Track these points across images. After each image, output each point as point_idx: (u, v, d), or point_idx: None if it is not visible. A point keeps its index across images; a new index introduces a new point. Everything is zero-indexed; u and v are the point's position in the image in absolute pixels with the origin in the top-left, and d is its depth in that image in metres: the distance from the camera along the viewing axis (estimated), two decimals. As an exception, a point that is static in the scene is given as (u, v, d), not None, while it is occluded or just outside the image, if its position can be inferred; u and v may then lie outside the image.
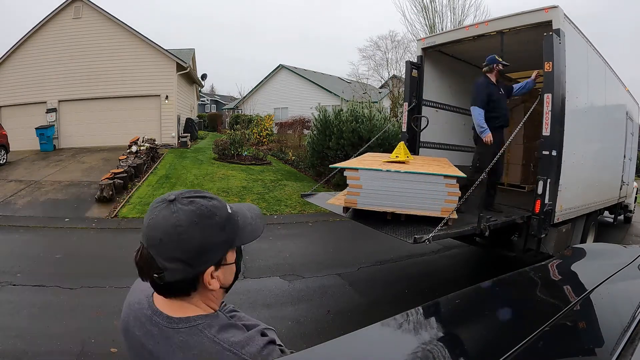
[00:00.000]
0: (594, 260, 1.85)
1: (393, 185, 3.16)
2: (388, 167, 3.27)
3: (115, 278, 4.32)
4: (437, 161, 4.38)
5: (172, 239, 0.71)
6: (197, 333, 0.72)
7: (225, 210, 0.78)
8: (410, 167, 3.38)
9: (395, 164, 3.56)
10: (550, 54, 3.74)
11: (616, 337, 0.89)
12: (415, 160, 4.06)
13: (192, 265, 0.73)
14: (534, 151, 5.41)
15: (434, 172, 3.21)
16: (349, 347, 0.96)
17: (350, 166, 3.32)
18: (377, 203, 3.23)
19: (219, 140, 12.90)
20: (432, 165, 3.79)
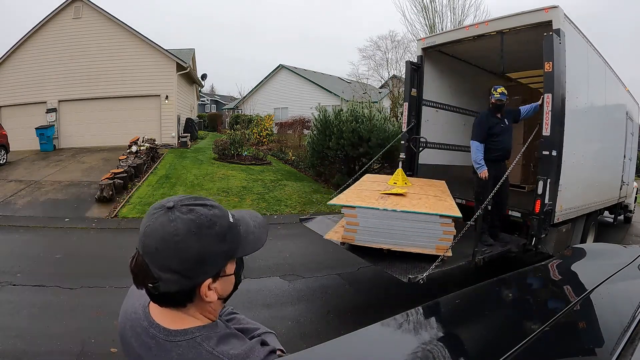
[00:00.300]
0: (594, 260, 1.85)
1: (390, 223, 3.19)
2: (385, 206, 3.28)
3: (115, 278, 4.32)
4: (434, 186, 4.42)
5: (169, 247, 0.67)
6: (195, 346, 0.70)
7: (226, 220, 0.74)
8: (407, 203, 3.41)
9: (393, 195, 3.60)
10: (550, 54, 3.74)
11: (616, 337, 0.89)
12: (412, 188, 4.11)
13: (189, 277, 0.70)
14: (534, 151, 5.41)
15: (430, 209, 3.23)
16: (349, 347, 0.96)
17: (348, 204, 3.33)
18: (374, 240, 3.26)
19: (219, 140, 12.90)
20: (429, 195, 3.82)
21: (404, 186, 4.18)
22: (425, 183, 4.69)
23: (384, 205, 3.25)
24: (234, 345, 0.72)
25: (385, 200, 3.47)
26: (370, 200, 3.43)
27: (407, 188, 4.09)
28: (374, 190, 3.89)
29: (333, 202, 3.46)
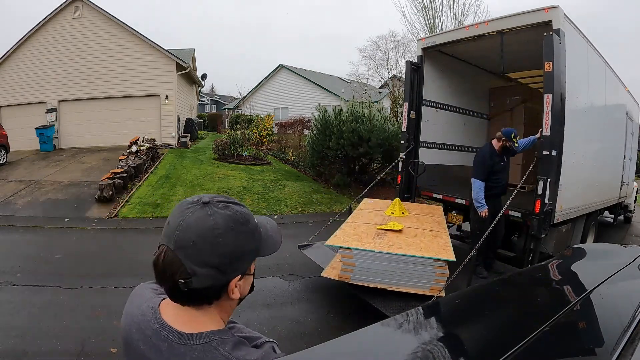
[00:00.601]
0: (594, 260, 1.85)
1: (385, 264, 3.29)
2: (381, 246, 3.36)
3: (115, 278, 4.33)
4: (431, 215, 4.55)
5: (208, 242, 0.67)
6: (211, 350, 0.68)
7: (254, 219, 0.77)
8: (402, 242, 3.48)
9: (390, 232, 3.68)
10: (550, 54, 3.74)
11: (616, 337, 0.89)
12: (409, 220, 4.19)
13: (224, 272, 0.70)
14: (534, 151, 5.42)
15: (425, 250, 3.30)
16: (349, 347, 0.96)
17: (345, 245, 3.40)
18: (370, 279, 3.36)
19: (219, 140, 12.90)
20: (424, 229, 3.88)
21: (401, 217, 4.29)
22: (422, 211, 4.77)
23: (379, 246, 3.34)
24: (248, 351, 0.71)
25: (382, 238, 3.55)
26: (367, 240, 3.50)
27: (404, 220, 4.16)
28: (370, 224, 3.96)
29: (330, 243, 3.51)
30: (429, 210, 4.82)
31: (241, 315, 3.65)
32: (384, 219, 4.19)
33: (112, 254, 5.36)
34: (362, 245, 3.39)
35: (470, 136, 6.73)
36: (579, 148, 4.49)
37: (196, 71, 17.62)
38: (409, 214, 4.47)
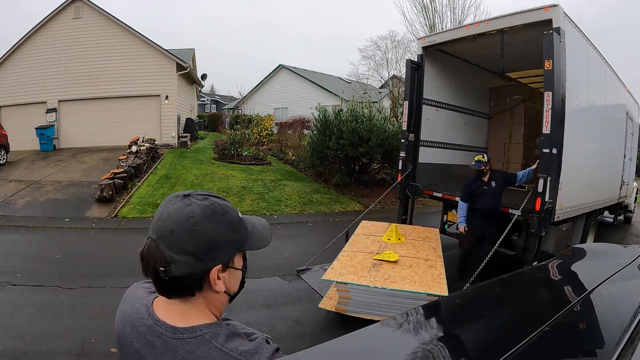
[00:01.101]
0: (594, 260, 1.85)
1: (379, 298, 3.39)
2: (376, 279, 3.43)
3: (115, 278, 4.33)
4: (427, 241, 4.59)
5: (184, 230, 0.70)
6: (204, 343, 0.69)
7: (236, 213, 0.79)
8: (397, 274, 3.53)
9: (385, 262, 3.78)
10: (551, 52, 3.74)
11: (616, 337, 0.89)
12: (405, 247, 4.24)
13: (202, 260, 0.71)
14: (533, 150, 5.42)
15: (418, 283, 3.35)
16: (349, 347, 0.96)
17: (341, 280, 3.49)
18: (365, 312, 3.46)
19: (219, 140, 12.89)
20: (420, 258, 3.93)
21: (397, 244, 4.35)
22: (419, 235, 4.81)
23: (374, 280, 3.41)
24: (241, 342, 0.72)
25: (378, 270, 3.62)
26: (363, 272, 3.58)
27: (400, 248, 4.20)
28: (367, 253, 4.04)
29: (327, 277, 3.58)
30: (425, 234, 4.88)
31: (241, 315, 3.65)
32: (380, 247, 4.23)
33: (112, 254, 5.36)
34: (358, 278, 3.48)
35: (471, 135, 6.73)
36: (579, 147, 4.49)
37: (196, 71, 17.61)
38: (405, 239, 4.54)
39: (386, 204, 8.91)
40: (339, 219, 7.71)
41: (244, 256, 0.83)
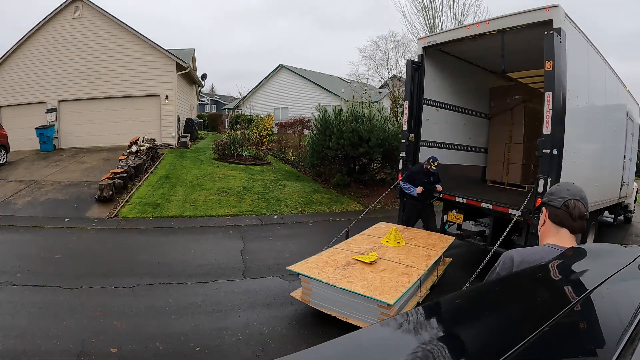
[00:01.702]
0: (594, 260, 1.85)
1: (335, 294, 3.45)
2: (334, 281, 3.46)
3: (115, 278, 4.33)
4: (431, 245, 4.41)
5: None
6: None
7: None
8: (359, 276, 3.55)
9: (360, 262, 3.79)
10: (551, 52, 3.74)
11: (616, 337, 0.88)
12: (392, 252, 4.14)
13: None
14: (534, 150, 5.42)
15: (373, 288, 3.33)
16: (349, 347, 0.95)
17: (303, 273, 3.64)
18: (325, 306, 3.59)
19: (219, 140, 12.89)
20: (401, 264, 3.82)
21: (395, 247, 4.27)
22: (425, 241, 4.56)
23: (332, 278, 3.52)
24: None
25: (346, 269, 3.67)
26: (329, 269, 3.68)
27: (393, 251, 4.15)
28: (353, 252, 4.12)
29: (291, 268, 3.74)
30: (433, 241, 4.63)
31: (241, 315, 3.65)
32: (372, 248, 4.24)
33: (112, 254, 5.36)
34: (319, 273, 3.60)
35: (471, 135, 6.73)
36: (580, 147, 4.49)
37: (196, 71, 17.61)
38: (405, 243, 4.42)
39: (386, 204, 8.90)
40: (339, 219, 7.71)
41: None
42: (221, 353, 3.07)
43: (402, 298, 3.30)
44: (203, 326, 3.44)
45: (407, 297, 3.58)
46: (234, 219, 7.37)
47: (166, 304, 3.83)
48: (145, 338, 3.18)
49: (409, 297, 3.63)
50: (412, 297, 3.71)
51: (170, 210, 7.50)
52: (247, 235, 6.41)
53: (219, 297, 4.03)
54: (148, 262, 4.94)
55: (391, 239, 4.41)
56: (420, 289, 3.83)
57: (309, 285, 3.64)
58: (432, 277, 4.27)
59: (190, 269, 4.78)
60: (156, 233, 6.43)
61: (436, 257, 4.15)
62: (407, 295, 3.46)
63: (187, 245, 5.83)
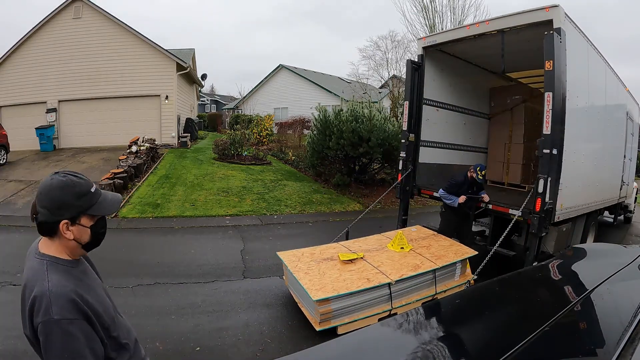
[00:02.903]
0: (594, 260, 1.85)
1: (297, 283, 3.60)
2: (295, 270, 3.67)
3: (115, 278, 4.32)
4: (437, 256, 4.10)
5: (44, 193, 1.12)
6: (43, 264, 1.13)
7: (87, 188, 1.18)
8: (324, 271, 3.68)
9: (338, 261, 3.91)
10: (551, 52, 3.74)
11: (616, 337, 0.89)
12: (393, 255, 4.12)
13: (52, 214, 1.12)
14: (534, 150, 5.41)
15: (321, 285, 3.43)
16: (349, 347, 0.96)
17: (283, 259, 3.98)
18: (293, 291, 3.91)
19: (219, 140, 12.89)
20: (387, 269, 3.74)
21: (398, 251, 4.22)
22: (431, 252, 4.21)
23: (297, 267, 3.73)
24: (61, 277, 1.11)
25: (320, 263, 3.86)
26: (306, 260, 3.92)
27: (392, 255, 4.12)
28: (349, 250, 4.23)
29: (279, 254, 4.10)
30: (445, 253, 4.19)
31: (241, 316, 3.65)
32: (374, 249, 4.26)
33: (112, 254, 5.34)
34: (298, 262, 3.86)
35: (471, 135, 6.73)
36: (580, 147, 4.49)
37: (196, 71, 17.61)
38: (410, 249, 4.22)
39: (386, 204, 8.91)
40: (339, 219, 7.71)
41: (98, 220, 1.22)
42: (221, 353, 3.07)
43: (340, 299, 3.31)
44: (203, 326, 3.44)
45: (363, 302, 3.45)
46: (234, 219, 7.37)
47: (166, 304, 3.83)
48: (145, 338, 3.18)
49: (366, 303, 3.47)
50: (378, 305, 3.54)
51: (170, 210, 7.50)
52: (247, 235, 6.41)
53: (219, 297, 4.03)
54: (148, 262, 4.94)
55: (395, 243, 4.32)
56: (392, 298, 3.59)
57: (285, 270, 3.99)
58: (427, 291, 3.85)
59: (190, 269, 4.78)
60: (156, 233, 6.43)
61: (428, 269, 3.80)
62: (355, 298, 3.39)
63: (187, 245, 5.83)
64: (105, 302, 1.27)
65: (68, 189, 1.13)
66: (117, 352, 1.24)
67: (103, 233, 1.26)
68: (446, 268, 3.98)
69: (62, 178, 1.14)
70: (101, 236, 1.25)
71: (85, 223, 1.18)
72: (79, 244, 1.19)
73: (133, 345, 1.38)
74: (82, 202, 1.15)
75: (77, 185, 1.15)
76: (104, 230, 1.26)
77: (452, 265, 4.04)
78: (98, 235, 1.23)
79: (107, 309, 1.24)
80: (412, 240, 4.57)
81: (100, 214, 1.21)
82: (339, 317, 3.35)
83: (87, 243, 1.21)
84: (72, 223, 1.14)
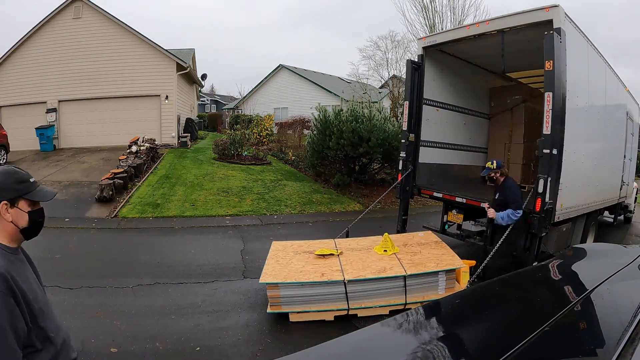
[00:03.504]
0: (594, 260, 1.85)
1: None
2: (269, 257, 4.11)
3: (115, 278, 4.33)
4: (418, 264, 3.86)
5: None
6: None
7: (26, 177, 1.33)
8: (286, 261, 3.95)
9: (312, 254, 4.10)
10: (551, 52, 3.74)
11: (616, 337, 0.88)
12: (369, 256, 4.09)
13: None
14: (534, 150, 5.41)
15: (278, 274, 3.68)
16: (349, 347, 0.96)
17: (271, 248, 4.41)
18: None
19: (219, 140, 12.89)
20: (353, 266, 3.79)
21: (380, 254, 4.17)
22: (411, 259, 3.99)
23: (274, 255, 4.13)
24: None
25: (298, 254, 4.07)
26: (288, 252, 4.20)
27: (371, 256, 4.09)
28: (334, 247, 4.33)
29: (273, 243, 4.53)
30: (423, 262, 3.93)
31: (241, 316, 3.65)
32: (360, 248, 4.32)
33: (112, 254, 5.35)
34: (282, 252, 4.20)
35: (471, 135, 6.72)
36: (580, 147, 4.49)
37: (196, 71, 17.61)
38: (392, 253, 4.09)
39: (386, 204, 8.91)
40: (339, 219, 7.71)
41: (36, 209, 1.36)
42: (221, 353, 3.07)
43: (289, 287, 3.52)
44: (203, 326, 3.44)
45: (315, 295, 3.53)
46: (234, 219, 7.37)
47: (166, 304, 3.83)
48: (145, 338, 3.18)
49: (319, 297, 3.53)
50: (334, 302, 3.56)
51: (170, 210, 7.50)
52: (247, 235, 6.41)
53: (219, 297, 4.03)
54: (148, 262, 4.94)
55: (381, 245, 4.27)
56: (349, 298, 3.54)
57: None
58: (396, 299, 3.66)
59: (190, 269, 4.78)
60: (156, 233, 6.43)
61: (393, 274, 3.63)
62: (306, 289, 3.53)
63: (187, 245, 5.83)
64: (37, 294, 1.35)
65: (9, 175, 1.28)
66: (43, 343, 1.29)
67: (41, 222, 1.40)
68: (420, 277, 3.68)
69: (5, 167, 1.32)
70: (38, 225, 1.39)
71: (24, 207, 1.30)
72: (17, 228, 1.29)
73: (61, 343, 1.43)
74: (21, 187, 1.29)
75: (18, 173, 1.31)
76: (41, 219, 1.40)
77: (427, 274, 3.70)
78: (35, 223, 1.36)
79: (37, 298, 1.31)
80: (406, 244, 4.44)
81: (37, 200, 1.34)
82: (289, 305, 3.54)
83: (25, 229, 1.31)
84: (11, 205, 1.25)
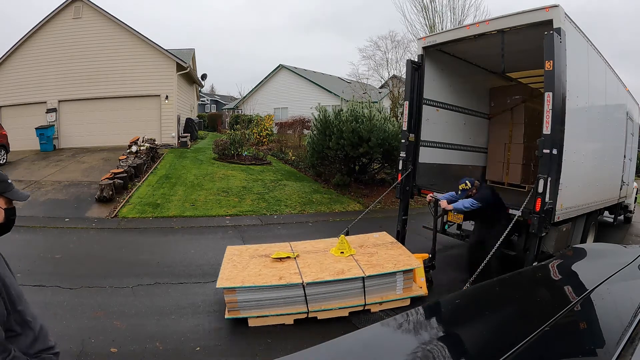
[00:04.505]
0: (594, 260, 1.85)
1: None
2: (224, 261, 4.02)
3: (115, 278, 4.33)
4: (368, 262, 3.94)
5: None
6: None
7: (5, 178, 1.47)
8: (242, 265, 3.90)
9: (269, 257, 4.07)
10: (551, 52, 3.73)
11: (616, 337, 0.88)
12: (324, 258, 4.07)
13: None
14: (534, 150, 5.41)
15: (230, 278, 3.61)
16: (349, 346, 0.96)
17: (225, 253, 4.31)
18: None
19: (219, 140, 12.89)
20: (308, 270, 3.73)
21: (337, 255, 4.13)
22: (368, 260, 3.99)
23: (230, 259, 4.08)
24: None
25: (254, 258, 4.07)
26: (247, 253, 4.24)
27: (328, 258, 4.07)
28: (292, 250, 4.32)
29: (228, 248, 4.49)
30: (380, 262, 3.94)
31: (241, 315, 3.65)
32: (317, 250, 4.31)
33: (112, 254, 5.35)
34: (237, 257, 4.16)
35: (471, 135, 6.72)
36: (580, 147, 4.48)
37: (196, 71, 17.61)
38: (349, 254, 4.09)
39: (386, 204, 8.91)
40: (339, 219, 7.71)
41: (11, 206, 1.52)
42: (221, 353, 3.07)
43: (246, 291, 3.44)
44: (203, 326, 3.44)
45: (274, 299, 3.49)
46: (234, 219, 7.37)
47: (166, 304, 3.83)
48: (145, 338, 3.19)
49: (278, 301, 3.50)
50: (293, 305, 3.53)
51: (170, 210, 7.50)
52: (247, 235, 6.41)
53: (219, 297, 4.03)
54: (148, 262, 4.94)
55: (337, 247, 4.24)
56: (308, 301, 3.54)
57: None
58: (355, 300, 3.67)
59: (190, 269, 4.78)
60: (156, 233, 6.43)
61: (352, 276, 3.64)
62: (264, 293, 3.48)
63: (187, 245, 5.83)
64: (13, 281, 1.42)
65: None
66: (22, 327, 1.37)
67: (13, 220, 1.56)
68: (378, 278, 3.71)
69: None
70: (11, 222, 1.55)
71: (1, 204, 1.45)
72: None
73: (39, 330, 1.47)
74: (1, 186, 1.43)
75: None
76: (14, 217, 1.56)
77: (386, 275, 3.73)
78: (9, 220, 1.52)
79: (13, 284, 1.38)
80: (362, 246, 4.40)
81: (15, 199, 1.49)
82: (247, 310, 3.47)
83: (1, 224, 1.48)
84: None
